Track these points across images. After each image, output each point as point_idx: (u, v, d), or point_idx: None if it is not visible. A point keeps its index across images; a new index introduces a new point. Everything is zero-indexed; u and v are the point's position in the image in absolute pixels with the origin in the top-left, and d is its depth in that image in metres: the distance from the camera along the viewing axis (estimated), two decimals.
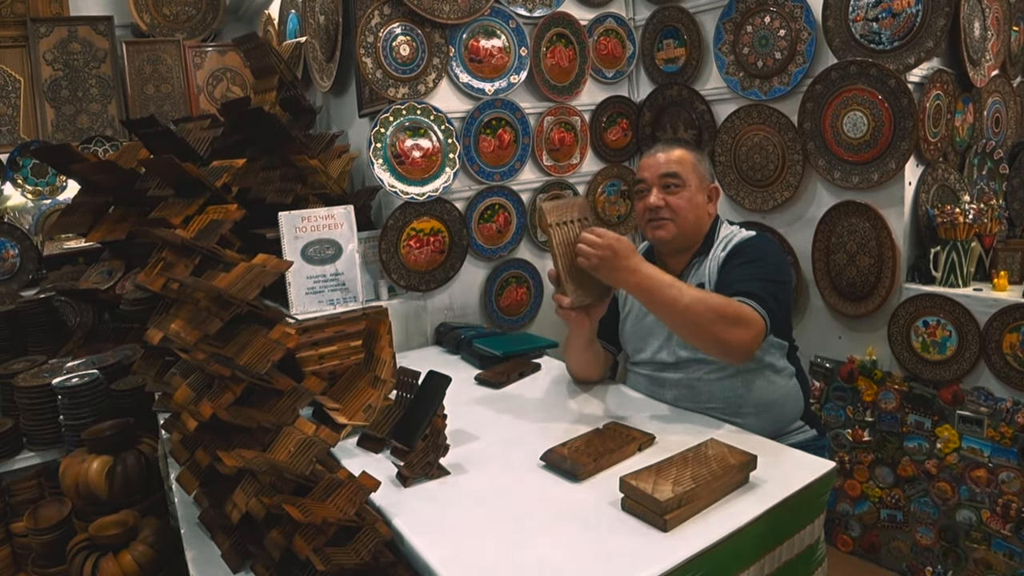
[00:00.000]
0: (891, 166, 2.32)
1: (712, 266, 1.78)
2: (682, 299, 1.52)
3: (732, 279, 1.67)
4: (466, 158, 2.61)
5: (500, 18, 2.63)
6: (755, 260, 1.71)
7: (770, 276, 1.67)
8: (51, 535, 2.12)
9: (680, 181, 1.79)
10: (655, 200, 1.79)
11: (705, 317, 1.51)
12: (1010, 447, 2.15)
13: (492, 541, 1.21)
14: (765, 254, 1.74)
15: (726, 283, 1.68)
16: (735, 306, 1.55)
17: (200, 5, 4.01)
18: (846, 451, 2.56)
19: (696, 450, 1.40)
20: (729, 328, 1.53)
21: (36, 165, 3.42)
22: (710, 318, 1.51)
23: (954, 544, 2.33)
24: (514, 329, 2.82)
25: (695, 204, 1.81)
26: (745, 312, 1.55)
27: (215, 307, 1.59)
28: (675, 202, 1.79)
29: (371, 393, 1.75)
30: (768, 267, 1.70)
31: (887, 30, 2.29)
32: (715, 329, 1.52)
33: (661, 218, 1.79)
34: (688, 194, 1.79)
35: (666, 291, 1.53)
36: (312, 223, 2.26)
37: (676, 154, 1.82)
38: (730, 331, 1.53)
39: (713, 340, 1.54)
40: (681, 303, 1.52)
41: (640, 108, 3.05)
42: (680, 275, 1.84)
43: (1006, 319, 2.14)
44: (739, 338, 1.54)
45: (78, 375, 2.30)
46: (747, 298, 1.58)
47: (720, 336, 1.53)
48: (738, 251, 1.76)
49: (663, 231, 1.80)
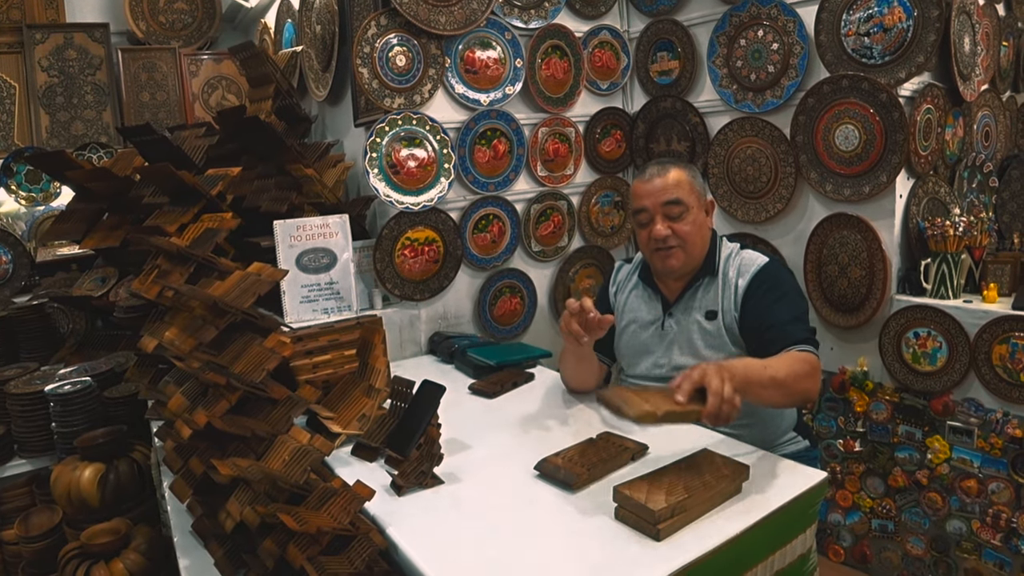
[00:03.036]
0: (882, 179, 2.34)
1: (727, 296, 1.78)
2: (777, 375, 1.52)
3: (773, 323, 1.68)
4: (461, 168, 2.62)
5: (496, 29, 2.65)
6: (785, 294, 1.73)
7: (802, 308, 1.73)
8: (42, 543, 2.12)
9: (684, 207, 1.77)
10: (662, 230, 1.77)
11: (795, 386, 1.54)
12: (1000, 458, 2.17)
13: (486, 550, 1.21)
14: (789, 284, 1.77)
15: (761, 321, 1.70)
16: (802, 360, 1.58)
17: (196, 13, 4.02)
18: (838, 461, 2.57)
19: (689, 460, 1.40)
20: (808, 381, 1.57)
21: (30, 171, 3.42)
22: (797, 383, 1.54)
23: (945, 554, 2.34)
24: (508, 339, 2.83)
25: (700, 225, 1.80)
26: (811, 362, 1.59)
27: (210, 315, 1.59)
28: (682, 229, 1.77)
29: (365, 402, 1.75)
30: (796, 298, 1.74)
31: (879, 45, 2.31)
32: (801, 388, 1.56)
33: (669, 247, 1.78)
34: (692, 217, 1.78)
35: (766, 375, 1.51)
36: (307, 232, 2.26)
37: (673, 177, 1.78)
38: (809, 384, 1.57)
39: (802, 399, 1.60)
40: (778, 379, 1.51)
41: (634, 120, 3.07)
42: (681, 296, 1.85)
43: (996, 331, 2.16)
44: (815, 387, 1.59)
45: (70, 382, 2.29)
46: (805, 345, 1.62)
47: (806, 394, 1.58)
48: (760, 283, 1.75)
49: (674, 260, 1.79)
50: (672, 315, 1.86)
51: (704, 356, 1.77)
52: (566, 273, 3.00)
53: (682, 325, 1.83)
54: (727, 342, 1.77)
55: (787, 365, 1.55)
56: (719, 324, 1.77)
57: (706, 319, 1.79)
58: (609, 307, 2.02)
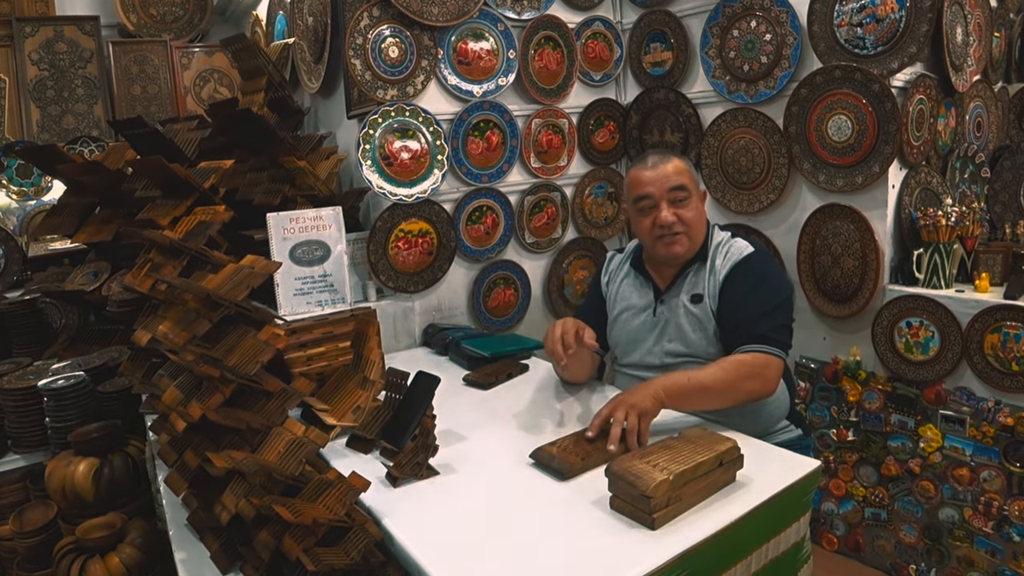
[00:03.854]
0: (875, 169, 2.34)
1: (712, 281, 1.79)
2: (705, 381, 1.57)
3: (740, 317, 1.70)
4: (454, 160, 2.61)
5: (488, 21, 2.64)
6: (759, 287, 1.73)
7: (773, 303, 1.71)
8: (37, 538, 2.10)
9: (687, 193, 1.78)
10: (668, 216, 1.77)
11: (732, 387, 1.59)
12: (992, 446, 2.18)
13: (481, 540, 1.22)
14: (766, 274, 1.77)
15: (731, 313, 1.72)
16: (744, 363, 1.61)
17: (187, 6, 3.99)
18: (831, 451, 2.58)
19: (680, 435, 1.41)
20: (750, 382, 1.61)
21: (21, 166, 3.39)
22: (735, 385, 1.59)
23: (937, 542, 2.36)
24: (502, 330, 2.83)
25: (701, 213, 1.82)
26: (758, 362, 1.61)
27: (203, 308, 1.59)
28: (686, 215, 1.78)
29: (360, 394, 1.75)
30: (770, 291, 1.73)
31: (871, 35, 2.31)
32: (743, 389, 1.60)
33: (675, 233, 1.78)
34: (694, 204, 1.80)
35: (690, 385, 1.57)
36: (300, 224, 2.26)
37: (675, 164, 1.79)
38: (753, 384, 1.61)
39: (747, 398, 1.64)
40: (707, 385, 1.57)
41: (627, 111, 3.07)
42: (672, 283, 1.86)
43: (987, 320, 2.17)
44: (763, 387, 1.64)
45: (64, 377, 2.28)
46: (760, 344, 1.64)
47: (751, 394, 1.63)
48: (738, 271, 1.76)
49: (678, 246, 1.79)
50: (663, 302, 1.87)
51: (692, 340, 1.78)
52: (560, 264, 3.00)
53: (672, 311, 1.84)
54: (712, 325, 1.78)
55: (721, 370, 1.60)
56: (706, 307, 1.78)
57: (691, 302, 1.80)
58: (601, 296, 2.02)
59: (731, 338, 1.70)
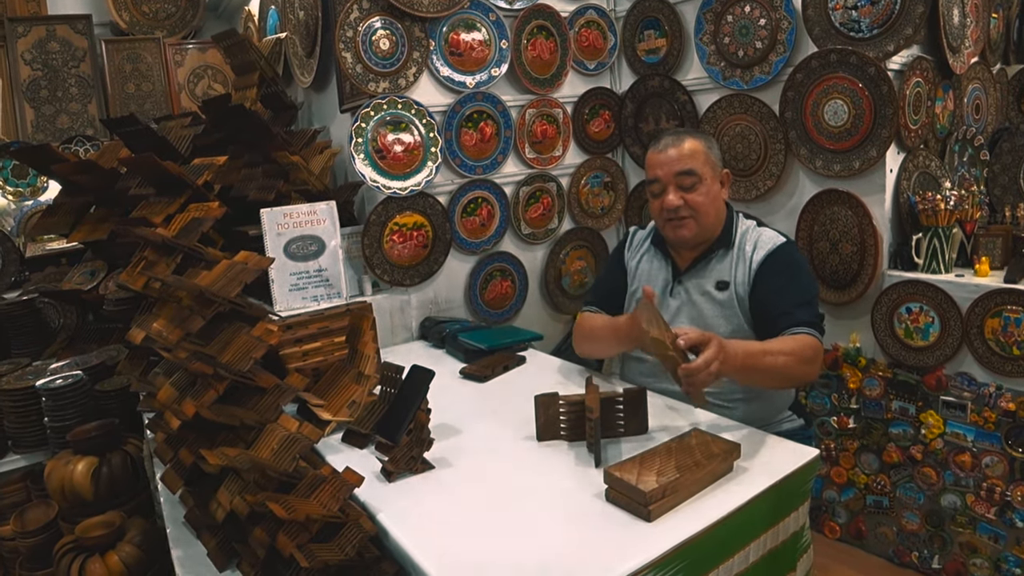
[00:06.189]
0: (872, 154, 2.33)
1: (741, 268, 1.77)
2: (777, 361, 1.55)
3: (782, 303, 1.68)
4: (448, 152, 2.60)
5: (480, 11, 2.62)
6: (797, 276, 1.73)
7: (812, 293, 1.73)
8: (38, 538, 2.11)
9: (697, 177, 1.75)
10: (673, 200, 1.76)
11: (794, 370, 1.58)
12: (993, 431, 2.17)
13: (477, 534, 1.21)
14: (803, 264, 1.78)
15: (772, 302, 1.70)
16: (805, 344, 1.60)
17: (180, 2, 3.97)
18: (832, 438, 2.57)
19: (680, 440, 1.40)
20: (808, 366, 1.60)
21: (16, 166, 3.38)
22: (796, 367, 1.57)
23: (939, 528, 2.35)
24: (499, 323, 2.82)
25: (713, 197, 1.79)
26: (813, 345, 1.61)
27: (197, 305, 1.58)
28: (694, 199, 1.76)
29: (355, 389, 1.74)
30: (807, 281, 1.74)
31: (866, 18, 2.29)
32: (799, 373, 1.60)
33: (681, 217, 1.77)
34: (705, 188, 1.76)
35: (761, 365, 1.54)
36: (294, 219, 2.25)
37: (687, 146, 1.77)
38: (809, 369, 1.61)
39: (800, 382, 1.68)
40: (777, 365, 1.55)
41: (622, 99, 3.05)
42: (693, 265, 1.84)
43: (988, 304, 2.15)
44: (815, 371, 1.65)
45: (62, 377, 2.28)
46: (809, 329, 1.63)
47: (805, 377, 1.64)
48: (773, 261, 1.75)
49: (685, 230, 1.78)
50: (681, 283, 1.85)
51: (709, 325, 1.76)
52: (557, 255, 2.99)
53: (691, 294, 1.83)
54: (737, 313, 1.76)
55: (788, 349, 1.57)
56: (731, 294, 1.77)
57: (717, 289, 1.79)
58: (623, 269, 2.00)
59: (773, 324, 1.67)
